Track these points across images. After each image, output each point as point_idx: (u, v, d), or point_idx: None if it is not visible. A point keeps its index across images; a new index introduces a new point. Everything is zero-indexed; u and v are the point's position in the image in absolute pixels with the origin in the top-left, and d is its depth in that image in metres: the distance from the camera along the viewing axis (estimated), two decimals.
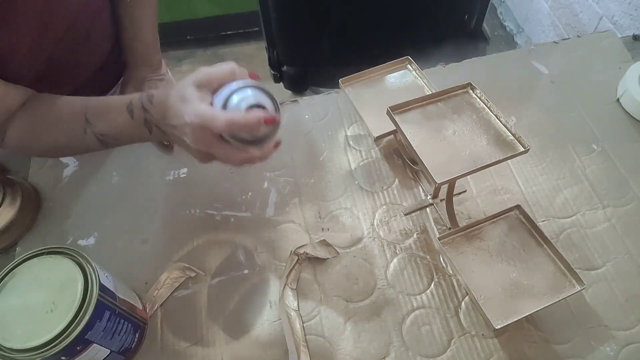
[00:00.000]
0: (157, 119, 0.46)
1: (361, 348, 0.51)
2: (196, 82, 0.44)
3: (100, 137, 0.49)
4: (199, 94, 0.43)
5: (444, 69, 0.75)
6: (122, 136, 0.50)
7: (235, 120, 0.42)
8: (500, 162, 0.49)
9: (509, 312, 0.47)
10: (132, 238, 0.60)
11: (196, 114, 0.42)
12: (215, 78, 0.45)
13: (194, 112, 0.42)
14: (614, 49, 0.76)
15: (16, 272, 0.43)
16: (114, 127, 0.49)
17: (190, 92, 0.43)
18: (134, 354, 0.51)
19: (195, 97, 0.43)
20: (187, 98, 0.43)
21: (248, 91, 0.44)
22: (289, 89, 1.57)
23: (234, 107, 0.43)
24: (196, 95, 0.43)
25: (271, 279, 0.56)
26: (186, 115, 0.42)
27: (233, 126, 0.42)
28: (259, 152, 0.46)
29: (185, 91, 0.44)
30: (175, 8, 1.86)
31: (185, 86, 0.44)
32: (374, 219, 0.60)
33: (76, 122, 0.49)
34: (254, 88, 0.45)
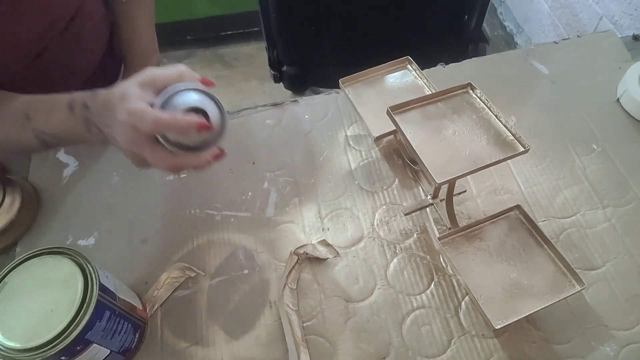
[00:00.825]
0: (96, 117, 0.44)
1: (361, 348, 0.51)
2: (140, 81, 0.42)
3: (39, 135, 0.47)
4: (139, 93, 0.41)
5: (444, 69, 0.75)
6: (62, 134, 0.47)
7: (163, 119, 0.39)
8: (500, 162, 0.49)
9: (509, 312, 0.47)
10: (132, 238, 0.60)
11: (128, 111, 0.40)
12: (161, 79, 0.43)
13: (126, 109, 0.40)
14: (614, 49, 0.76)
15: (16, 272, 0.43)
16: (53, 124, 0.47)
17: (132, 90, 0.41)
18: (134, 354, 0.51)
19: (134, 96, 0.41)
20: (126, 96, 0.41)
21: (192, 94, 0.42)
22: (289, 89, 1.57)
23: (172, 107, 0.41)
24: (136, 94, 0.41)
25: (271, 279, 0.56)
26: (119, 113, 0.40)
27: (159, 125, 0.40)
28: (192, 160, 0.43)
29: (127, 89, 0.41)
30: (175, 8, 1.86)
31: (128, 84, 0.42)
32: (374, 219, 0.60)
33: (16, 118, 0.47)
34: (199, 92, 0.42)
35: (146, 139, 0.41)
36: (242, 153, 0.67)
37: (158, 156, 0.42)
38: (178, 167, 0.43)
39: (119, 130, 0.41)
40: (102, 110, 0.43)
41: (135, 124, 0.40)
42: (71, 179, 0.65)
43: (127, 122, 0.40)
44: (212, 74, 1.99)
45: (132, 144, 0.41)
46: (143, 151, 0.42)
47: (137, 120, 0.40)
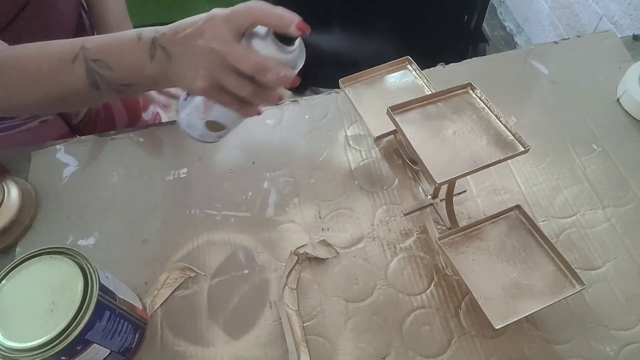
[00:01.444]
0: (168, 37, 0.42)
1: (361, 348, 0.51)
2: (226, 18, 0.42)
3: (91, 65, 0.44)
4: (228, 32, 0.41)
5: (444, 69, 0.75)
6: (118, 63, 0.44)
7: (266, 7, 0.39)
8: (500, 162, 0.49)
9: (509, 312, 0.47)
10: (132, 238, 0.60)
11: (221, 9, 0.40)
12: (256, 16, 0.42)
13: (219, 9, 0.40)
14: (614, 49, 0.76)
15: (16, 272, 0.43)
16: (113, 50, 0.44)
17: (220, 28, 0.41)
18: (134, 354, 0.51)
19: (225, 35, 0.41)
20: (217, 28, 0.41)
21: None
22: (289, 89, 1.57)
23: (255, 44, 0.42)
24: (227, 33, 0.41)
25: (271, 279, 0.56)
26: (207, 15, 0.41)
27: (264, 12, 0.39)
28: (275, 64, 0.42)
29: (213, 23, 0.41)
30: (175, 8, 1.87)
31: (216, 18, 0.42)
32: (374, 219, 0.60)
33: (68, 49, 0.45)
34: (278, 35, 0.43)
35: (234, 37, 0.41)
36: (242, 153, 0.67)
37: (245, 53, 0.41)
38: (261, 68, 0.41)
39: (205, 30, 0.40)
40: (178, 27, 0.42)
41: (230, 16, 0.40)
42: (71, 179, 0.65)
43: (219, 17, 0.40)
44: None
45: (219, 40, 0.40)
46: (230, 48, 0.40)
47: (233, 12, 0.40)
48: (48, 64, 0.45)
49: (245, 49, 0.41)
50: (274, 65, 0.41)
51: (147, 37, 0.43)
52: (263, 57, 0.41)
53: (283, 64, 0.43)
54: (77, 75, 0.45)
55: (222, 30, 0.40)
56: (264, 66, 0.41)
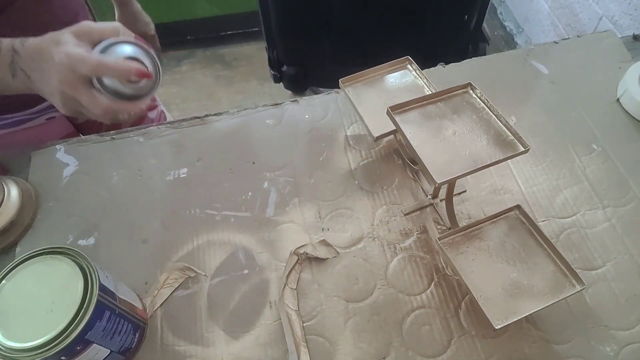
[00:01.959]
0: (25, 60, 0.44)
1: (361, 348, 0.51)
2: (75, 31, 0.43)
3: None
4: (75, 41, 0.43)
5: (444, 69, 0.75)
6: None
7: (105, 61, 0.41)
8: (500, 162, 0.49)
9: (509, 312, 0.47)
10: (132, 238, 0.60)
11: (67, 54, 0.41)
12: (97, 31, 0.44)
13: (65, 52, 0.41)
14: (614, 49, 0.76)
15: (16, 272, 0.43)
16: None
17: (67, 38, 0.42)
18: (134, 354, 0.51)
19: (71, 42, 0.42)
20: (62, 42, 0.42)
21: (129, 46, 0.44)
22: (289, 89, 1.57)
23: (110, 55, 0.43)
24: (73, 42, 0.42)
25: (271, 279, 0.56)
26: (56, 56, 0.41)
27: (101, 67, 0.41)
28: (126, 105, 0.45)
29: (62, 37, 0.43)
30: (175, 8, 1.86)
31: (63, 32, 0.43)
32: (374, 219, 0.60)
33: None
34: (136, 45, 0.44)
35: (82, 81, 0.42)
36: (242, 153, 0.67)
37: (93, 99, 0.43)
38: (112, 110, 0.44)
39: (54, 72, 0.42)
40: (33, 54, 0.44)
41: (75, 65, 0.41)
42: (71, 179, 0.65)
43: (65, 64, 0.41)
44: (212, 74, 1.99)
45: (68, 85, 0.42)
46: (78, 93, 0.42)
47: (77, 61, 0.41)
48: None
49: (91, 96, 0.43)
50: (122, 107, 0.44)
51: (6, 57, 0.45)
52: (109, 103, 0.44)
53: (135, 97, 0.45)
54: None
55: (70, 77, 0.42)
56: (111, 109, 0.44)
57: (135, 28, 0.87)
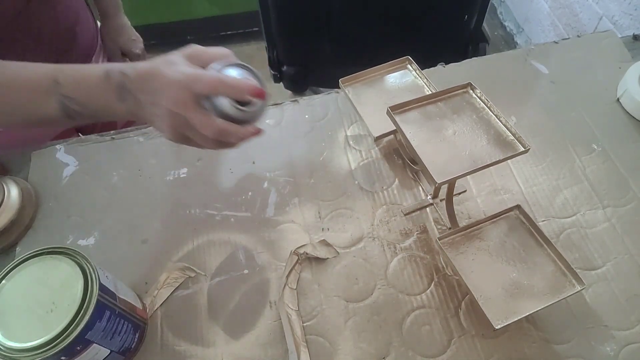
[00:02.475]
0: (136, 84, 0.43)
1: (361, 348, 0.51)
2: (187, 54, 0.44)
3: (64, 102, 0.45)
4: (187, 62, 0.43)
5: (444, 69, 0.75)
6: (90, 102, 0.46)
7: (224, 78, 0.41)
8: (500, 162, 0.49)
9: (509, 312, 0.47)
10: (132, 238, 0.60)
11: (182, 72, 0.41)
12: (207, 54, 0.45)
13: (181, 70, 0.41)
14: (614, 49, 0.76)
15: (16, 272, 0.43)
16: (83, 90, 0.45)
17: (179, 59, 0.43)
18: (134, 354, 0.51)
19: (183, 63, 0.42)
20: (175, 62, 0.42)
21: (240, 69, 0.44)
22: (289, 89, 1.57)
23: None
24: (185, 62, 0.43)
25: (271, 279, 0.56)
26: (171, 74, 0.41)
27: (221, 84, 0.41)
28: (238, 128, 0.44)
29: (175, 58, 0.43)
30: (175, 8, 1.86)
31: (175, 54, 0.43)
32: (374, 219, 0.60)
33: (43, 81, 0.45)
34: (245, 68, 0.45)
35: (195, 101, 0.42)
36: (242, 153, 0.67)
37: (204, 120, 0.42)
38: (224, 132, 0.43)
39: (167, 90, 0.41)
40: (145, 75, 0.43)
41: (191, 83, 0.41)
42: (71, 179, 0.65)
43: (180, 81, 0.41)
44: None
45: (181, 104, 0.42)
46: (190, 113, 0.42)
47: (194, 79, 0.41)
48: (25, 95, 0.46)
49: (205, 116, 0.43)
50: (234, 130, 0.44)
51: (115, 79, 0.44)
52: (222, 123, 0.43)
53: (244, 121, 0.45)
54: (52, 108, 0.46)
55: (183, 95, 0.42)
56: (224, 131, 0.43)
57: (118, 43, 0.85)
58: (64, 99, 0.45)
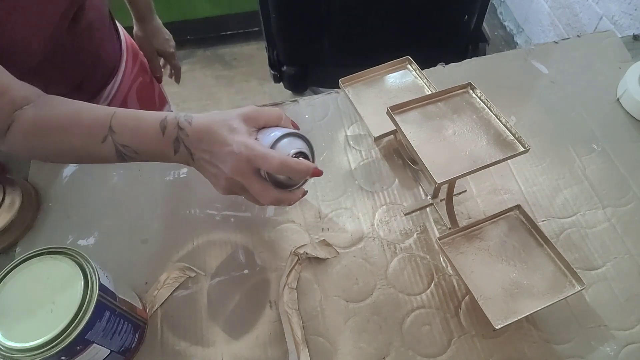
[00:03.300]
0: (192, 141, 0.45)
1: (361, 348, 0.51)
2: (244, 115, 0.45)
3: (119, 148, 0.47)
4: (247, 128, 0.45)
5: (444, 69, 0.75)
6: (144, 151, 0.47)
7: (289, 163, 0.43)
8: (500, 162, 0.49)
9: (509, 312, 0.47)
10: (132, 238, 0.60)
11: (246, 146, 0.43)
12: (263, 117, 0.47)
13: (244, 143, 0.43)
14: (614, 49, 0.76)
15: (16, 272, 0.43)
16: (138, 139, 0.47)
17: (239, 125, 0.44)
18: (134, 354, 0.51)
19: (244, 130, 0.44)
20: (236, 129, 0.44)
21: (296, 139, 0.46)
22: (289, 89, 1.57)
23: (282, 149, 0.45)
24: (245, 129, 0.44)
25: (271, 279, 0.56)
26: (235, 145, 0.43)
27: (285, 168, 0.43)
28: (291, 196, 0.47)
29: (233, 122, 0.44)
30: (175, 8, 1.86)
31: (233, 117, 0.45)
32: (374, 219, 0.60)
33: (97, 128, 0.47)
34: (301, 138, 0.47)
35: (255, 172, 0.44)
36: None
37: (261, 189, 0.45)
38: (279, 201, 0.46)
39: (229, 160, 0.44)
40: (203, 136, 0.45)
41: (255, 161, 0.43)
42: (71, 179, 0.65)
43: (244, 155, 0.43)
44: (212, 74, 1.99)
45: (241, 175, 0.44)
46: (249, 183, 0.44)
47: (259, 158, 0.43)
48: (80, 139, 0.48)
49: (262, 186, 0.45)
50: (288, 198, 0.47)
51: (171, 133, 0.46)
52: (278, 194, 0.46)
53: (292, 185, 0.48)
54: (107, 152, 0.48)
55: (245, 167, 0.44)
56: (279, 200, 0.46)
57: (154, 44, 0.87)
58: (119, 146, 0.47)
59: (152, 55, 0.88)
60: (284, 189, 0.47)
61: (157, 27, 0.87)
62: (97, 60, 0.70)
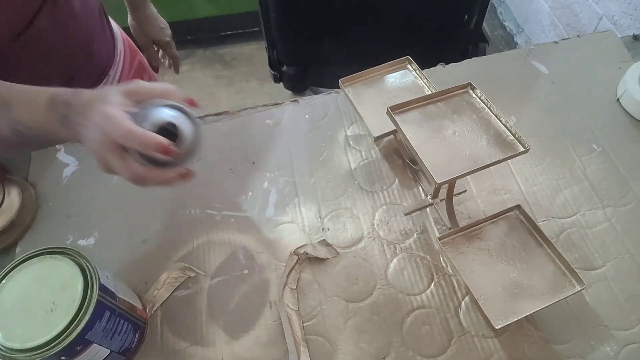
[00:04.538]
0: (75, 115, 0.43)
1: (361, 348, 0.51)
2: (125, 89, 0.43)
3: (14, 125, 0.46)
4: (120, 99, 0.42)
5: (444, 69, 0.75)
6: (37, 127, 0.46)
7: (134, 131, 0.40)
8: (500, 162, 0.49)
9: (509, 312, 0.47)
10: (132, 238, 0.60)
11: (103, 115, 0.41)
12: (145, 90, 0.44)
13: (103, 112, 0.41)
14: (614, 49, 0.76)
15: (16, 272, 0.43)
16: (31, 115, 0.45)
17: (115, 97, 0.42)
18: (134, 354, 0.51)
19: (114, 101, 0.42)
20: (106, 99, 0.42)
21: (170, 111, 0.42)
22: (289, 89, 1.57)
23: (148, 120, 0.41)
24: (119, 101, 0.42)
25: (271, 279, 0.56)
26: (96, 114, 0.41)
27: (129, 136, 0.40)
28: (156, 174, 0.43)
29: (112, 95, 0.42)
30: (175, 8, 1.86)
31: (114, 91, 0.43)
32: (374, 219, 0.60)
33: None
34: (179, 110, 0.43)
35: (115, 144, 0.41)
36: (242, 153, 0.67)
37: (123, 164, 0.42)
38: (141, 178, 0.42)
39: (91, 131, 0.41)
40: (82, 108, 0.43)
41: (107, 128, 0.40)
42: (71, 179, 0.65)
43: (100, 125, 0.40)
44: (212, 74, 1.99)
45: (101, 146, 0.41)
46: (110, 156, 0.41)
47: (110, 125, 0.40)
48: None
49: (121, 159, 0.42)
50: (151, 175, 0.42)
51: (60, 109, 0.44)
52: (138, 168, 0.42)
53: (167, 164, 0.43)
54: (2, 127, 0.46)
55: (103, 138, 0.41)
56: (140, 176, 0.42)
57: (148, 33, 0.86)
58: (14, 122, 0.46)
59: (147, 45, 0.86)
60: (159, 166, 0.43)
61: (151, 16, 0.85)
62: (89, 56, 0.69)
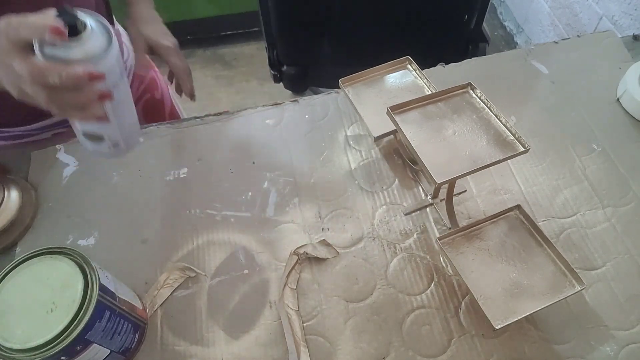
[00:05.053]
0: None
1: (361, 348, 0.51)
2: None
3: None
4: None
5: (444, 69, 0.75)
6: None
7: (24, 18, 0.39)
8: (500, 162, 0.49)
9: (509, 312, 0.47)
10: (132, 238, 0.60)
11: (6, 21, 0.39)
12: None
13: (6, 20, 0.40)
14: (614, 49, 0.76)
15: (16, 272, 0.43)
16: None
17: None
18: (134, 354, 0.51)
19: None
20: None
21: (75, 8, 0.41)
22: (289, 89, 1.57)
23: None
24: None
25: (271, 279, 0.56)
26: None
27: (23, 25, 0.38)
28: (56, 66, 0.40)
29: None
30: (175, 8, 1.86)
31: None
32: (374, 219, 0.60)
33: None
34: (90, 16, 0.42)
35: (17, 46, 0.40)
36: (242, 153, 0.67)
37: (22, 61, 0.39)
38: (40, 72, 0.39)
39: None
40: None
41: (7, 29, 0.39)
42: (71, 179, 0.65)
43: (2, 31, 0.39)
44: (212, 74, 1.99)
45: (4, 52, 0.40)
46: (10, 58, 0.40)
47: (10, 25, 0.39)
48: None
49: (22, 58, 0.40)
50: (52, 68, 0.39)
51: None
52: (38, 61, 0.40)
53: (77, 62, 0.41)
54: None
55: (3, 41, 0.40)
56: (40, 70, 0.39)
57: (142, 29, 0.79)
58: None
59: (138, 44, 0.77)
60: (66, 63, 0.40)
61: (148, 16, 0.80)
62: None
